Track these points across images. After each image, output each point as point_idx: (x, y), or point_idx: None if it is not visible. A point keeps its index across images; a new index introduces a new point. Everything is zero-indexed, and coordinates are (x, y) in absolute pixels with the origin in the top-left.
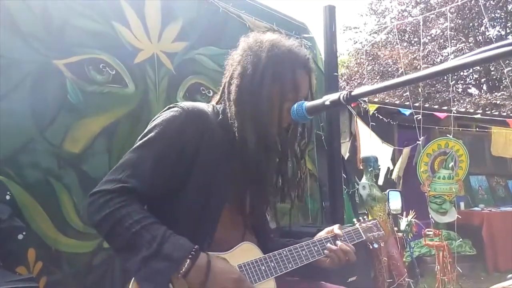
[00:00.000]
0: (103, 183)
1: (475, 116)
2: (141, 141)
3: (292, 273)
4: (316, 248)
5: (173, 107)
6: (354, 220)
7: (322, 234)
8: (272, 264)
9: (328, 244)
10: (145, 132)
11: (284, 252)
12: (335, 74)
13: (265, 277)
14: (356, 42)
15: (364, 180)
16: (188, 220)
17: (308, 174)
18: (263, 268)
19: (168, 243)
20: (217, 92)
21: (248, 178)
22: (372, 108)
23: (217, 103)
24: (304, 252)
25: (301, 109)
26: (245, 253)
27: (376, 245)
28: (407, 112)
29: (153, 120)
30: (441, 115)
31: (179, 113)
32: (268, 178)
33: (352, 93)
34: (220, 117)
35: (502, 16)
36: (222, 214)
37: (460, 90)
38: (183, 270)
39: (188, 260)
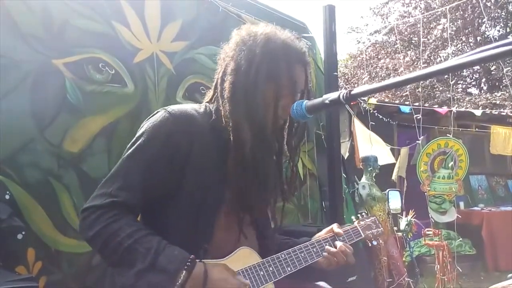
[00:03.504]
0: (94, 198)
1: (476, 112)
2: (130, 150)
3: (291, 274)
4: (315, 250)
5: (160, 111)
6: (353, 217)
7: (321, 234)
8: (271, 269)
9: (327, 246)
10: (134, 139)
11: (283, 256)
12: (335, 74)
13: (264, 283)
14: (359, 42)
15: (363, 179)
16: (183, 225)
17: (308, 174)
18: (262, 273)
19: (163, 255)
20: (211, 88)
21: (245, 178)
22: (370, 106)
23: (210, 101)
24: (302, 255)
25: (301, 108)
26: (243, 258)
27: (375, 242)
28: (407, 109)
29: (141, 127)
30: (442, 110)
31: (166, 118)
32: (266, 176)
33: (352, 92)
34: (213, 117)
35: (503, 16)
36: (219, 217)
37: (460, 90)
38: (180, 282)
39: (184, 271)
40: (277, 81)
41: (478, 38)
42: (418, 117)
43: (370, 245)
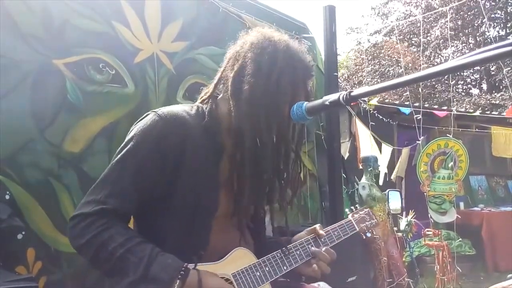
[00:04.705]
0: (83, 205)
1: (475, 114)
2: (119, 155)
3: (290, 275)
4: (310, 247)
5: (150, 114)
6: (347, 210)
7: (302, 234)
8: (267, 269)
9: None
10: (123, 144)
11: (278, 255)
12: (335, 74)
13: (260, 283)
14: (360, 43)
15: (363, 180)
16: (178, 229)
17: (308, 174)
18: (258, 274)
19: (155, 264)
20: (208, 88)
21: (243, 180)
22: (370, 107)
23: (204, 101)
24: (298, 252)
25: (301, 110)
26: (239, 260)
27: (369, 234)
28: (407, 111)
29: (131, 130)
30: (441, 113)
31: (156, 121)
32: (266, 179)
33: (352, 94)
34: (206, 119)
35: (502, 17)
36: (215, 220)
37: (460, 90)
38: None
39: (178, 281)
40: (294, 88)
41: (478, 38)
42: (418, 118)
43: (364, 237)
